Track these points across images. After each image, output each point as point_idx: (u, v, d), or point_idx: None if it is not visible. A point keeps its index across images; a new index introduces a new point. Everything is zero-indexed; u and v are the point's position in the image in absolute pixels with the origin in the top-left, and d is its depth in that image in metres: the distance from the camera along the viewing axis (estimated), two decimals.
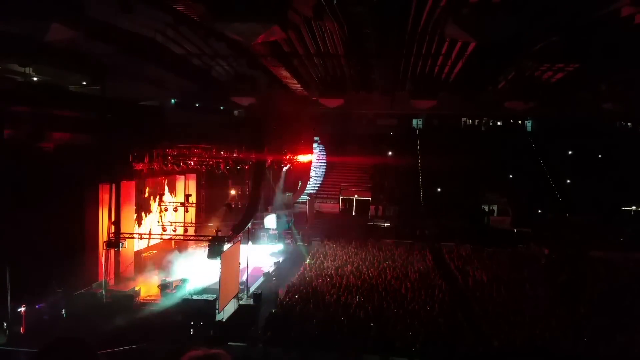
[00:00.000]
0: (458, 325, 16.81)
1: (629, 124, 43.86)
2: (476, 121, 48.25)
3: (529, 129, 46.73)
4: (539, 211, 35.51)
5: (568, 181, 38.66)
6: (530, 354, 14.40)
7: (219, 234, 20.51)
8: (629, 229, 32.63)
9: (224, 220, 28.39)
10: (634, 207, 36.10)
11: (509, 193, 36.27)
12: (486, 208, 36.44)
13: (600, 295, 19.92)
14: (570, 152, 41.83)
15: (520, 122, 47.10)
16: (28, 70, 17.64)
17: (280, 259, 27.98)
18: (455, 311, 18.17)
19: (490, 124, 48.31)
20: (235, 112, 31.72)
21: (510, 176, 39.54)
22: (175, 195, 28.31)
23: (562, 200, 37.08)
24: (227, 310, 19.10)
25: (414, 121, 47.95)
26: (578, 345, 15.30)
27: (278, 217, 33.98)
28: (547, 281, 22.02)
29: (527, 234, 32.37)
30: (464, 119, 47.76)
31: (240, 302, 20.42)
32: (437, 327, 16.42)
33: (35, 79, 18.81)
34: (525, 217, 34.14)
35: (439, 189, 38.77)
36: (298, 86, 22.87)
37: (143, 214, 25.35)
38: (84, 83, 21.09)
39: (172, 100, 26.45)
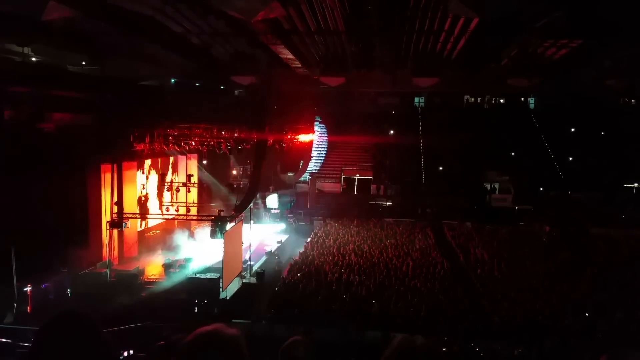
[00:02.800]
0: (459, 302, 16.98)
1: (632, 100, 43.50)
2: (478, 99, 47.91)
3: (531, 106, 46.41)
4: (541, 189, 35.52)
5: (570, 158, 38.57)
6: (530, 330, 14.56)
7: (222, 213, 20.61)
8: (630, 206, 32.67)
9: (226, 200, 28.49)
10: (635, 184, 36.07)
11: (510, 171, 36.23)
12: (488, 186, 36.43)
13: (600, 272, 20.06)
14: (572, 130, 41.62)
15: (522, 99, 46.74)
16: (26, 50, 17.47)
17: (283, 238, 28.16)
18: (456, 288, 18.33)
19: (493, 101, 47.97)
20: (236, 92, 31.53)
21: (512, 154, 39.45)
22: (177, 175, 28.36)
23: (564, 177, 37.05)
24: (231, 288, 19.31)
25: (416, 99, 47.61)
26: (578, 321, 15.47)
27: (280, 197, 34.09)
28: (548, 258, 22.15)
29: (529, 212, 32.43)
30: (466, 96, 47.39)
31: (244, 281, 20.63)
32: (438, 304, 16.59)
33: (33, 59, 18.64)
34: (526, 195, 34.14)
35: (440, 168, 38.74)
36: (299, 64, 22.64)
37: (146, 193, 25.43)
38: (83, 63, 20.92)
39: (172, 80, 26.27)
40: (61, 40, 17.01)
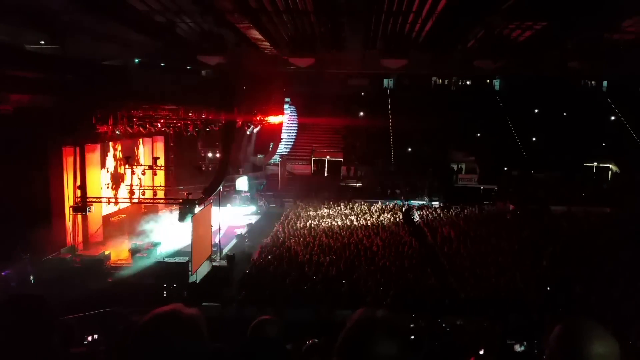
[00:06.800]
0: (427, 280, 17.35)
1: (592, 82, 44.74)
2: (446, 81, 48.41)
3: (496, 88, 47.18)
4: (505, 168, 36.37)
5: (534, 139, 39.52)
6: (495, 305, 15.02)
7: (190, 196, 20.33)
8: (590, 184, 33.85)
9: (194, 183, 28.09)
10: (595, 164, 37.34)
11: (476, 151, 36.93)
12: (455, 166, 37.08)
13: (562, 248, 20.78)
14: (536, 111, 42.57)
15: (488, 81, 47.46)
16: None
17: (253, 221, 28.05)
18: (424, 266, 18.71)
19: (460, 83, 48.55)
20: (203, 72, 30.87)
21: (478, 135, 40.15)
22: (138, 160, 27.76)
23: (528, 157, 37.99)
24: (201, 272, 19.17)
25: (385, 81, 47.73)
26: (540, 296, 16.04)
27: (250, 179, 33.87)
28: (512, 236, 22.78)
29: (494, 191, 33.24)
30: (434, 78, 47.81)
31: (214, 264, 20.50)
32: (406, 282, 16.91)
33: None
34: (492, 175, 34.94)
35: (409, 149, 39.14)
36: (267, 45, 22.27)
37: (110, 177, 24.83)
38: (42, 42, 20.05)
39: (136, 60, 25.48)
40: (17, 17, 16.25)
